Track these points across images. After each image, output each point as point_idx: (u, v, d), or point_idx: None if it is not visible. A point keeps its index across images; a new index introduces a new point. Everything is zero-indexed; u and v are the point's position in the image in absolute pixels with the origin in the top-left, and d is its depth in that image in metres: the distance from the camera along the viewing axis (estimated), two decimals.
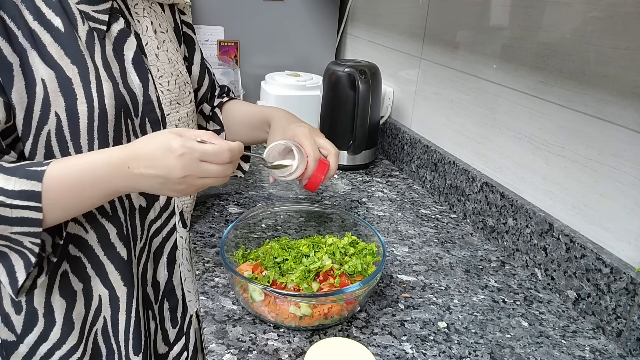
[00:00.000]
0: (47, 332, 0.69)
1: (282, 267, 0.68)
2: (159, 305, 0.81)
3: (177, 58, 0.79)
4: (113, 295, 0.72)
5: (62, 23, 0.62)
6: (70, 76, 0.61)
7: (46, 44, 0.60)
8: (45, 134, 0.61)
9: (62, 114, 0.61)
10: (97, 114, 0.63)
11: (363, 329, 0.66)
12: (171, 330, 0.83)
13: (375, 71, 1.15)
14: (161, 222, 0.77)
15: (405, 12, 1.25)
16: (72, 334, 0.70)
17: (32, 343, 0.69)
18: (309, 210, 0.84)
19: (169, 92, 0.74)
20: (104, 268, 0.70)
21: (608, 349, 0.66)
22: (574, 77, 0.75)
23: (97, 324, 0.73)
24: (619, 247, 0.69)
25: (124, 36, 0.69)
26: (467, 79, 1.00)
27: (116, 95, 0.65)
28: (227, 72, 1.40)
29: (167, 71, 0.75)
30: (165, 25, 0.79)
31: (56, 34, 0.61)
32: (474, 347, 0.64)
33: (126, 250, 0.71)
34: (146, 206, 0.74)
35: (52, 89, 0.60)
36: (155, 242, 0.78)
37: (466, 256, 0.86)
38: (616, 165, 0.69)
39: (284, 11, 1.52)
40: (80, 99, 0.62)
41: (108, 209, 0.69)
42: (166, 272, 0.80)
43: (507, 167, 0.91)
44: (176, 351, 0.84)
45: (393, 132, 1.28)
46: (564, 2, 0.76)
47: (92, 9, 0.65)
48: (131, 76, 0.69)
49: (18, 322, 0.68)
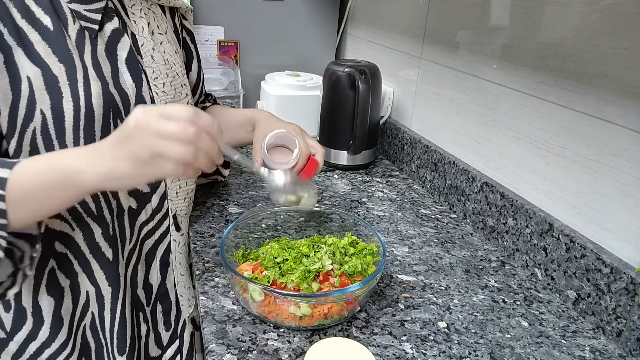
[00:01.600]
0: (36, 331, 0.69)
1: (282, 267, 0.68)
2: (152, 308, 0.80)
3: (174, 60, 0.78)
4: (99, 293, 0.72)
5: (52, 22, 0.62)
6: (57, 74, 0.61)
7: (33, 42, 0.60)
8: (31, 132, 0.61)
9: (48, 112, 0.61)
10: (84, 112, 0.63)
11: (363, 329, 0.66)
12: (164, 333, 0.83)
13: (375, 71, 1.15)
14: (153, 224, 0.77)
15: (405, 12, 1.25)
16: (61, 331, 0.70)
17: (21, 341, 0.69)
18: (309, 210, 0.84)
19: (164, 93, 0.74)
20: (90, 266, 0.70)
21: (608, 349, 0.66)
22: (574, 77, 0.75)
23: (86, 319, 0.73)
24: (619, 247, 0.69)
25: (117, 36, 0.69)
26: (467, 79, 1.00)
27: (105, 95, 0.65)
28: (227, 72, 1.40)
29: (162, 72, 0.74)
30: (164, 27, 0.79)
31: (44, 32, 0.61)
32: (474, 347, 0.64)
33: (112, 251, 0.71)
34: (137, 208, 0.74)
35: (38, 87, 0.60)
36: (147, 245, 0.77)
37: (466, 256, 0.86)
38: (616, 165, 0.69)
39: (284, 11, 1.52)
40: (67, 97, 0.62)
41: (94, 208, 0.68)
42: (159, 275, 0.80)
43: (507, 167, 0.91)
44: (169, 354, 0.84)
45: (393, 132, 1.28)
46: (564, 2, 0.76)
47: (84, 8, 0.65)
48: (124, 76, 0.68)
49: (7, 319, 0.68)
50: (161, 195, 0.76)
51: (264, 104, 1.38)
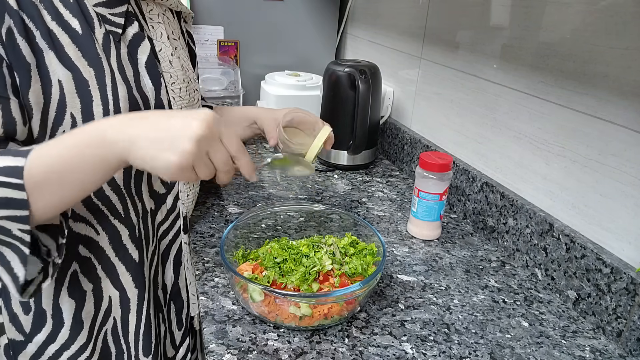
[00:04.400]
0: (56, 333, 0.69)
1: (282, 267, 0.68)
2: (167, 308, 0.81)
3: (188, 65, 0.79)
4: (124, 296, 0.72)
5: (80, 25, 0.62)
6: (87, 78, 0.61)
7: (64, 45, 0.60)
8: (60, 135, 0.61)
9: (78, 115, 0.61)
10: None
11: (363, 329, 0.66)
12: (177, 332, 0.83)
13: (375, 71, 1.15)
14: (168, 224, 0.77)
15: (405, 12, 1.24)
16: (81, 334, 0.70)
17: (40, 343, 0.69)
18: (309, 210, 0.84)
19: (181, 98, 0.74)
20: (115, 270, 0.70)
21: (608, 349, 0.66)
22: (574, 77, 0.75)
23: (107, 324, 0.72)
24: (619, 247, 0.69)
25: (138, 40, 0.69)
26: (467, 78, 1.00)
27: (130, 99, 0.65)
28: (227, 72, 1.40)
29: (179, 78, 0.75)
30: (177, 33, 0.80)
31: (74, 35, 0.61)
32: (474, 347, 0.64)
33: (138, 253, 0.71)
34: (154, 208, 0.74)
35: (69, 90, 0.60)
36: (162, 245, 0.78)
37: (466, 256, 0.86)
38: (616, 165, 0.69)
39: (284, 11, 1.52)
40: (96, 100, 0.62)
41: (120, 210, 0.68)
42: (172, 275, 0.80)
43: (507, 167, 0.91)
44: (181, 354, 0.84)
45: (393, 132, 1.28)
46: (564, 2, 0.76)
47: (109, 11, 0.65)
48: (144, 80, 0.68)
49: (27, 322, 0.68)
50: (175, 196, 0.77)
51: (264, 104, 1.38)
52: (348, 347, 0.62)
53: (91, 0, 0.64)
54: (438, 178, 0.86)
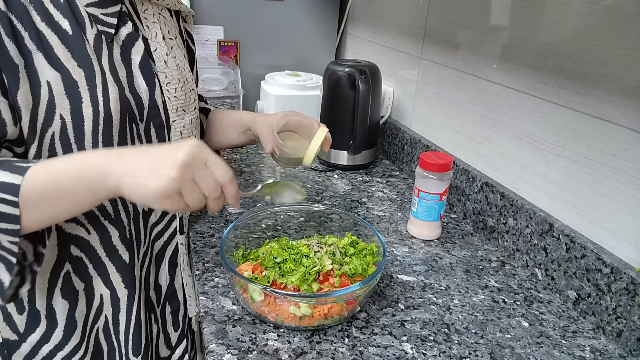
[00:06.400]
0: (49, 333, 0.69)
1: (282, 267, 0.68)
2: (161, 309, 0.81)
3: (184, 65, 0.79)
4: (114, 295, 0.72)
5: (70, 25, 0.61)
6: (76, 79, 0.61)
7: (53, 46, 0.60)
8: (49, 137, 0.61)
9: (67, 117, 0.61)
10: (103, 117, 0.63)
11: (363, 329, 0.66)
12: (173, 333, 0.83)
13: (375, 71, 1.15)
14: (162, 225, 0.77)
15: (405, 12, 1.24)
16: (74, 334, 0.70)
17: (34, 343, 0.69)
18: (309, 210, 0.84)
19: (176, 98, 0.74)
20: (106, 269, 0.70)
21: (608, 349, 0.66)
22: (574, 77, 0.75)
23: (99, 322, 0.73)
24: (619, 247, 0.69)
25: (131, 40, 0.69)
26: (467, 78, 1.00)
27: (122, 100, 0.65)
28: (227, 72, 1.40)
29: (174, 78, 0.74)
30: (174, 32, 0.79)
31: (64, 36, 0.61)
32: (474, 347, 0.64)
33: (129, 254, 0.71)
34: (148, 210, 0.74)
35: (58, 92, 0.60)
36: (156, 246, 0.77)
37: (466, 256, 0.86)
38: (616, 165, 0.69)
39: (284, 11, 1.52)
40: (86, 102, 0.61)
41: (111, 211, 0.68)
42: (168, 276, 0.80)
43: (507, 167, 0.91)
44: (178, 354, 0.84)
45: (393, 132, 1.28)
46: (564, 2, 0.76)
47: (101, 12, 0.65)
48: (138, 80, 0.68)
49: (20, 321, 0.68)
50: None
51: (263, 103, 1.38)
52: (348, 347, 0.62)
53: (83, 1, 0.63)
54: (438, 178, 0.86)
